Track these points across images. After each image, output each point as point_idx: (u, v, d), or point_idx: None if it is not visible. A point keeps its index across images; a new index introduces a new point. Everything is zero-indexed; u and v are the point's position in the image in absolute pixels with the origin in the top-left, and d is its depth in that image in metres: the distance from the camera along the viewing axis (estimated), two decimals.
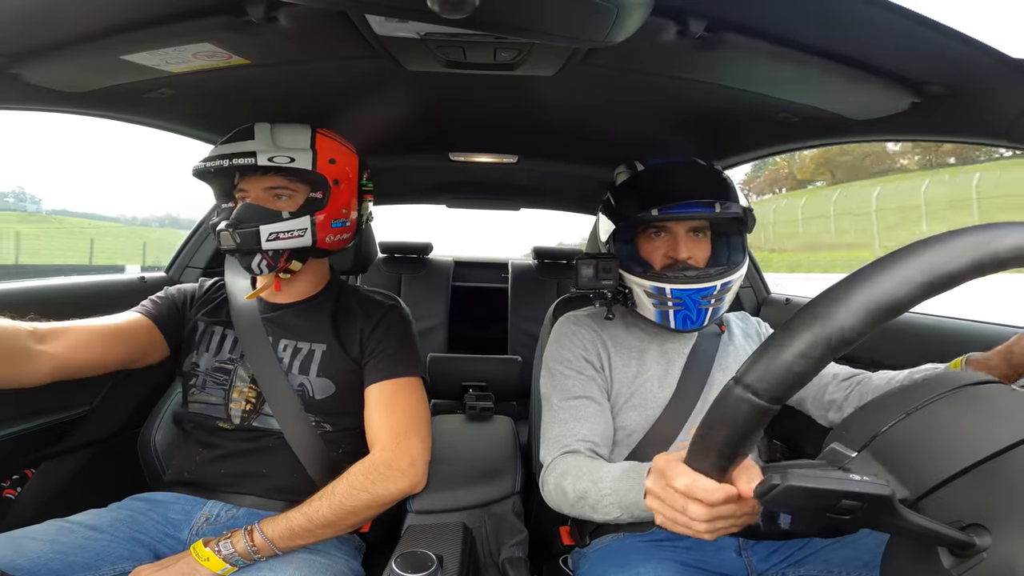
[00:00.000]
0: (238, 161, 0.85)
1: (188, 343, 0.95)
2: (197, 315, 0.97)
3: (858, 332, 0.33)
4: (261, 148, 0.86)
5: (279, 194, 0.90)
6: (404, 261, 2.38)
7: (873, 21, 0.56)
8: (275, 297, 0.98)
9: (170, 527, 0.82)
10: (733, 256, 0.92)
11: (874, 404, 0.41)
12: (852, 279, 0.35)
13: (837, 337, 0.34)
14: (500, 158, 1.46)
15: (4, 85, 0.76)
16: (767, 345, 0.37)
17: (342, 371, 0.91)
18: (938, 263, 0.33)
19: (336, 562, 0.79)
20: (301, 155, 0.88)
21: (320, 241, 0.91)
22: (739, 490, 0.44)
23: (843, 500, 0.32)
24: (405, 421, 0.87)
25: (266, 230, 0.86)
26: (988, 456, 0.34)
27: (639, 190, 0.91)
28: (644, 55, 0.71)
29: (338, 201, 0.92)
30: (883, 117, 0.81)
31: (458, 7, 0.44)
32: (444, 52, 0.72)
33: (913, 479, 0.36)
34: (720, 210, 0.85)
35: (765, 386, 0.36)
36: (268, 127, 0.90)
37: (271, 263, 0.88)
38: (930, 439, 0.37)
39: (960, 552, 0.33)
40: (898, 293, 0.33)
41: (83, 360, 0.83)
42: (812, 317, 0.35)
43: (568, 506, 0.75)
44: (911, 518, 0.33)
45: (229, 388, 0.90)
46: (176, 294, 1.00)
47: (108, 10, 0.63)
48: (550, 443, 0.85)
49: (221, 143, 0.90)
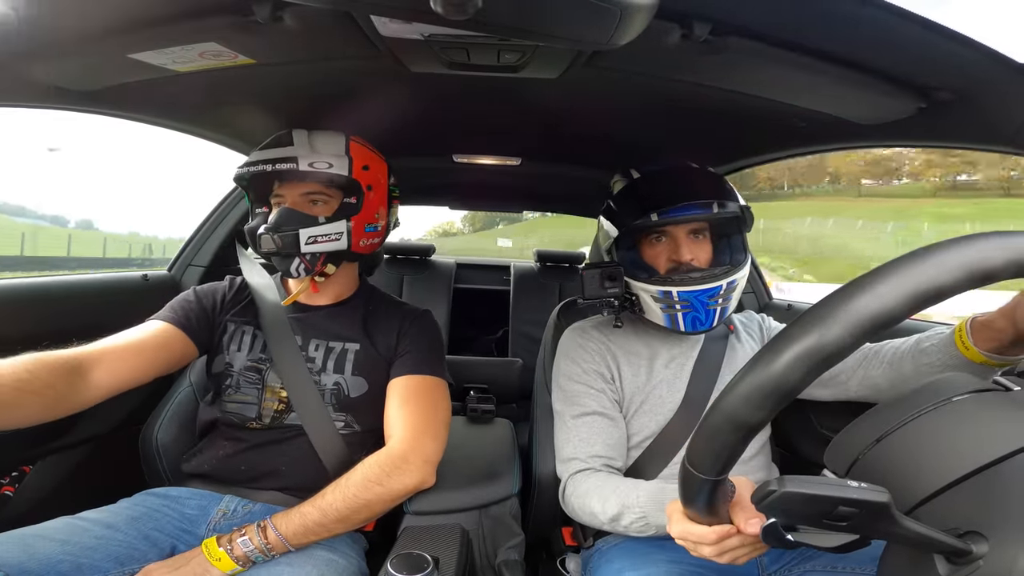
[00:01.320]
0: (281, 166, 0.87)
1: (219, 345, 0.96)
2: (227, 316, 0.98)
3: (763, 420, 0.36)
4: (302, 154, 0.88)
5: (315, 199, 0.92)
6: (406, 262, 2.39)
7: (879, 26, 0.56)
8: (310, 300, 1.00)
9: (187, 523, 0.82)
10: (735, 255, 0.92)
11: (852, 428, 0.42)
12: (761, 358, 0.36)
13: (744, 422, 0.36)
14: (503, 160, 1.46)
15: (12, 82, 0.77)
16: (701, 423, 0.40)
17: (375, 370, 0.93)
18: (873, 307, 0.32)
19: (351, 562, 0.80)
20: (338, 161, 0.90)
21: (355, 245, 0.93)
22: (737, 527, 0.49)
23: (840, 506, 0.32)
24: (425, 419, 0.88)
25: (305, 234, 0.88)
26: (984, 465, 0.34)
27: (636, 197, 0.92)
28: (648, 58, 0.71)
29: (371, 206, 0.94)
30: (889, 122, 0.81)
31: (461, 9, 0.44)
32: (448, 54, 0.72)
33: (902, 494, 0.36)
34: (718, 210, 0.86)
35: (705, 464, 0.40)
36: (305, 133, 0.93)
37: (308, 266, 0.90)
38: (915, 456, 0.37)
39: (957, 559, 0.33)
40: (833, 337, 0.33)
41: (124, 380, 0.83)
42: (725, 406, 0.37)
43: (598, 525, 0.79)
44: (908, 525, 0.33)
45: (262, 388, 0.92)
46: (204, 298, 0.98)
47: (116, 9, 0.63)
48: (566, 461, 0.88)
49: (260, 148, 0.92)
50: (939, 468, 0.36)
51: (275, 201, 0.93)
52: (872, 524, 0.33)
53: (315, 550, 0.77)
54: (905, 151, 43.86)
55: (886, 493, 0.32)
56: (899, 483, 0.36)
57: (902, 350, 0.81)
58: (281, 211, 0.90)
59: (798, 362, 0.33)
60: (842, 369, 0.87)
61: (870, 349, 0.85)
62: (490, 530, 0.91)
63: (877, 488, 0.32)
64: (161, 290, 1.36)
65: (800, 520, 0.36)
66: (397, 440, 0.85)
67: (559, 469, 0.89)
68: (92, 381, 0.78)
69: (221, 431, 0.92)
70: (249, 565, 0.73)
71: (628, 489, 0.75)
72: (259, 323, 0.95)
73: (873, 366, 0.83)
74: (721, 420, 0.37)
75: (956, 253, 0.32)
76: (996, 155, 0.81)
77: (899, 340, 0.83)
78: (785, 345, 0.34)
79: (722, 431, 0.37)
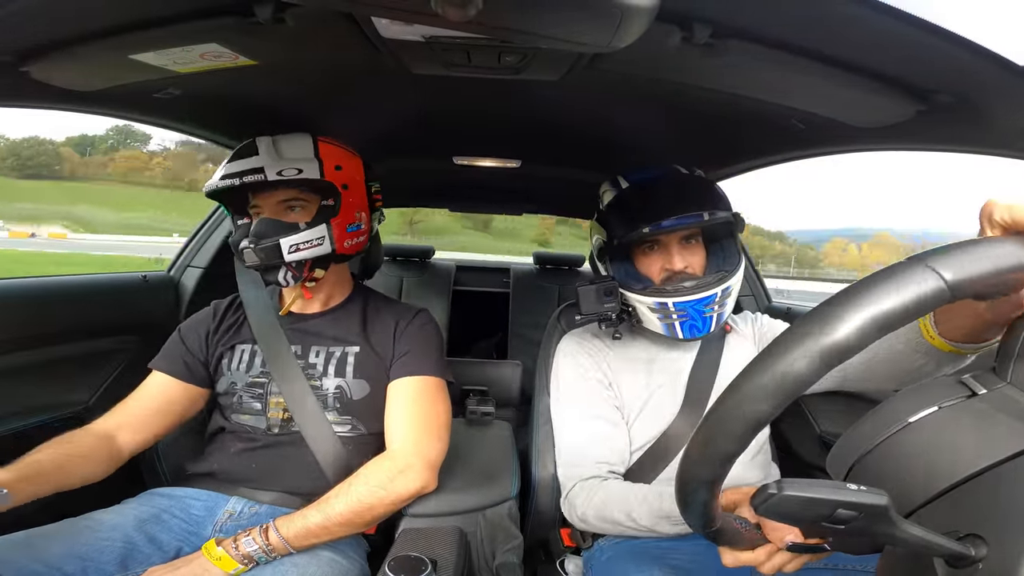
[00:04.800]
0: (248, 179, 0.86)
1: (218, 368, 0.96)
2: (220, 341, 0.97)
3: (738, 448, 0.37)
4: (268, 163, 0.87)
5: (292, 205, 0.91)
6: (406, 264, 2.39)
7: (880, 28, 0.56)
8: (305, 307, 0.99)
9: (192, 523, 0.83)
10: (728, 260, 0.92)
11: (853, 430, 0.41)
12: (755, 368, 0.36)
13: (722, 457, 0.37)
14: (503, 162, 1.47)
15: (13, 83, 0.77)
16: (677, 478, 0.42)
17: (376, 372, 0.93)
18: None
19: (354, 564, 0.80)
20: (308, 165, 0.89)
21: (339, 247, 0.92)
22: (777, 546, 0.53)
23: (839, 509, 0.32)
24: (426, 421, 0.88)
25: (286, 243, 0.87)
26: (984, 468, 0.34)
27: (626, 209, 0.91)
28: (649, 61, 0.71)
29: (350, 206, 0.93)
30: (888, 126, 0.81)
31: (462, 10, 0.44)
32: (448, 55, 0.72)
33: (901, 497, 0.36)
34: (709, 218, 0.86)
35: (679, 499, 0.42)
36: (269, 140, 0.91)
37: (296, 274, 0.90)
38: (914, 460, 0.37)
39: (956, 563, 0.33)
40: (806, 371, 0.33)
41: (144, 440, 0.90)
42: (699, 449, 0.39)
43: (604, 532, 0.83)
44: (907, 528, 0.33)
45: (265, 401, 0.92)
46: (189, 338, 0.97)
47: (117, 10, 0.63)
48: (567, 466, 0.88)
49: (227, 162, 0.91)
50: (938, 471, 0.35)
51: (253, 211, 0.93)
52: (871, 527, 0.33)
53: (319, 550, 0.77)
54: None
55: (885, 496, 0.32)
56: (898, 486, 0.36)
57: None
58: (259, 222, 0.89)
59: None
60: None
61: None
62: (488, 532, 0.91)
63: (876, 491, 0.32)
64: (160, 291, 1.36)
65: (799, 523, 0.36)
66: (399, 444, 0.85)
67: (560, 474, 0.89)
68: (120, 448, 0.86)
69: (230, 434, 0.93)
70: (251, 565, 0.72)
71: (627, 496, 0.78)
72: (254, 338, 0.95)
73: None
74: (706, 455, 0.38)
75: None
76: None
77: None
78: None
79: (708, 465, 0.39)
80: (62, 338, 1.11)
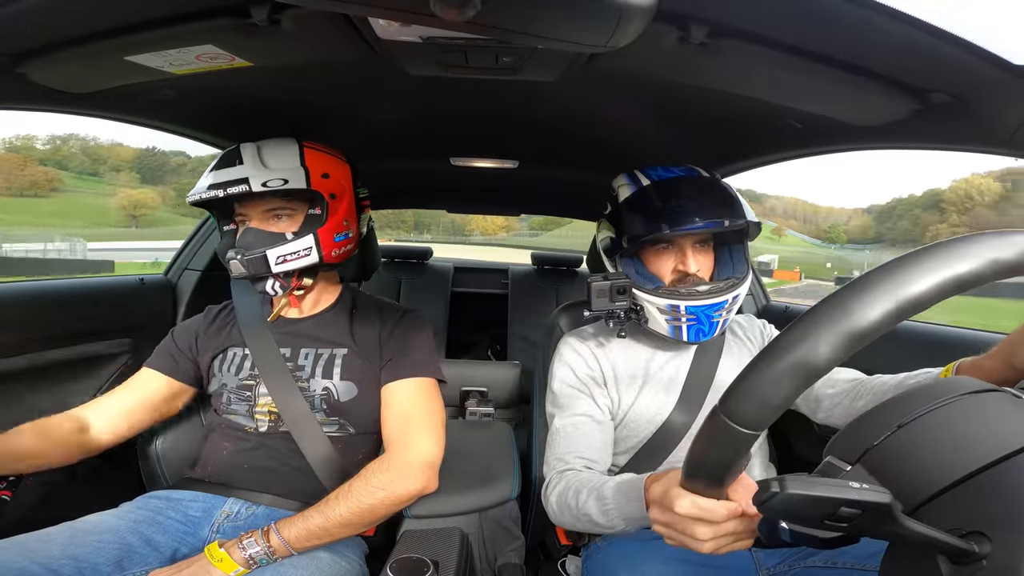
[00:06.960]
0: (232, 190, 0.84)
1: (209, 371, 0.97)
2: (211, 345, 0.98)
3: (833, 360, 0.34)
4: (252, 173, 0.85)
5: (279, 214, 0.91)
6: (404, 266, 2.39)
7: (876, 28, 0.56)
8: (293, 312, 0.99)
9: (189, 525, 0.83)
10: (738, 267, 0.92)
11: (868, 416, 0.41)
12: (828, 304, 0.35)
13: (813, 365, 0.35)
14: (501, 163, 1.46)
15: (8, 85, 0.77)
16: (745, 373, 0.38)
17: (363, 373, 0.93)
18: (913, 285, 0.33)
19: (353, 565, 0.80)
20: (293, 175, 0.87)
21: (327, 256, 0.91)
22: (741, 507, 0.47)
23: (842, 507, 0.32)
24: (423, 423, 0.88)
25: (273, 254, 0.87)
26: (987, 464, 0.34)
27: (647, 207, 0.88)
28: (646, 61, 0.71)
29: (337, 214, 0.92)
30: (884, 124, 0.81)
31: (460, 10, 0.44)
32: (446, 56, 0.72)
33: (909, 490, 0.36)
34: (729, 224, 0.85)
35: (743, 415, 0.37)
36: (254, 148, 0.90)
37: (284, 283, 0.90)
38: (926, 450, 0.37)
39: (960, 560, 0.33)
40: (873, 317, 0.33)
41: (125, 431, 0.91)
42: (787, 345, 0.36)
43: (571, 523, 0.77)
44: (910, 525, 0.33)
45: (253, 404, 0.92)
46: (181, 340, 0.99)
47: (112, 11, 0.63)
48: (550, 461, 0.87)
49: (210, 169, 0.90)
50: (942, 467, 0.35)
51: (239, 220, 0.92)
52: (874, 525, 0.33)
53: (318, 552, 0.77)
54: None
55: (888, 494, 0.32)
56: (902, 482, 0.36)
57: (889, 384, 0.79)
58: (245, 233, 0.89)
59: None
60: (831, 394, 0.86)
61: (858, 381, 0.84)
62: (489, 534, 0.91)
63: (879, 489, 0.32)
64: (157, 293, 1.35)
65: (801, 521, 0.36)
66: (398, 446, 0.85)
67: (544, 470, 0.89)
68: (94, 435, 0.88)
69: (223, 433, 0.94)
70: (252, 567, 0.72)
71: (599, 482, 0.73)
72: (244, 342, 0.96)
73: (860, 396, 0.82)
74: (787, 364, 0.35)
75: (981, 244, 0.34)
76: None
77: (887, 376, 0.82)
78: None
79: (785, 376, 0.35)
80: (60, 341, 1.11)
